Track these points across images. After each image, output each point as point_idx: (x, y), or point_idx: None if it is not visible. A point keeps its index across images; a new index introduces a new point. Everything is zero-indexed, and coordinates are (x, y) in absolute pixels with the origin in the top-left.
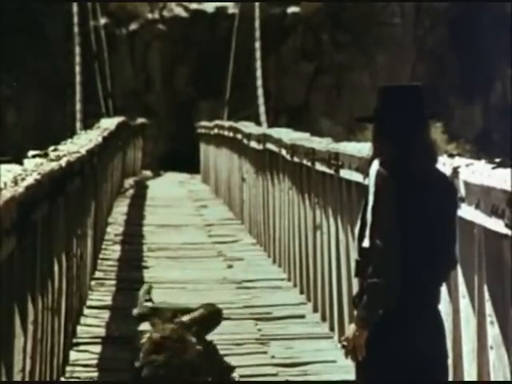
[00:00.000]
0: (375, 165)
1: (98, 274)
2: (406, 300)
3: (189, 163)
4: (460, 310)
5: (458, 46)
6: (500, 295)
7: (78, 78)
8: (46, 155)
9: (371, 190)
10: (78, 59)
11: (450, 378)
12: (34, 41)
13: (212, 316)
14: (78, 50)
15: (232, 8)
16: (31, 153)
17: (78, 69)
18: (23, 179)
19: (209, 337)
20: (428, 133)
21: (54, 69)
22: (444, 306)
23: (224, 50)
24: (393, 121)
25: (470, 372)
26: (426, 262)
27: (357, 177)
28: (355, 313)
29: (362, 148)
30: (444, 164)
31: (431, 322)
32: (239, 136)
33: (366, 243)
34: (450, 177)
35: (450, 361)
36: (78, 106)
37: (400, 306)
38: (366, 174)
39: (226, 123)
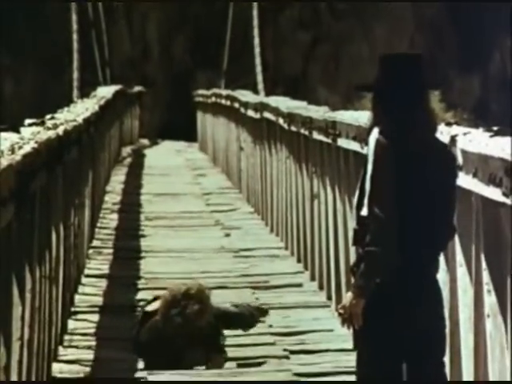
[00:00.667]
0: (374, 133)
1: (95, 243)
2: (405, 270)
3: (186, 132)
4: (457, 278)
5: (456, 17)
6: (497, 264)
7: (75, 46)
8: (42, 123)
9: (370, 158)
10: (75, 27)
11: (447, 347)
12: (32, 12)
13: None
14: (74, 18)
15: None
16: (28, 121)
17: (75, 36)
18: (20, 147)
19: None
20: (428, 102)
21: (52, 38)
22: (441, 275)
23: (221, 19)
24: (392, 89)
25: (466, 340)
26: (425, 232)
27: (354, 146)
28: (352, 281)
29: (359, 117)
30: (441, 133)
31: (429, 292)
32: (236, 105)
33: (364, 212)
34: (449, 146)
35: (447, 330)
36: (76, 74)
37: (398, 276)
38: (364, 143)
39: (224, 92)
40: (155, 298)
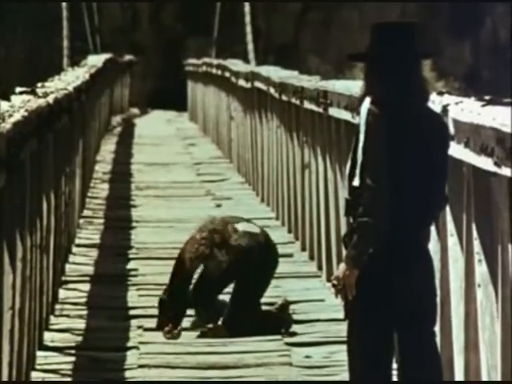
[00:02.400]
0: (366, 103)
1: (86, 213)
2: (397, 239)
3: (176, 101)
4: (448, 248)
5: None
6: (488, 234)
7: (64, 14)
8: (33, 92)
9: (362, 128)
10: None
11: (438, 316)
12: None
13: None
14: None
15: None
16: (18, 89)
17: (64, 4)
18: (10, 115)
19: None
20: (420, 71)
21: (41, 5)
22: (432, 245)
23: None
24: (385, 58)
25: (457, 309)
26: (418, 201)
27: (346, 115)
28: (344, 252)
29: (351, 86)
30: (433, 102)
31: (420, 261)
32: (227, 74)
33: (356, 182)
34: (441, 116)
35: (438, 299)
36: (65, 43)
37: (390, 246)
38: (356, 112)
39: (215, 61)
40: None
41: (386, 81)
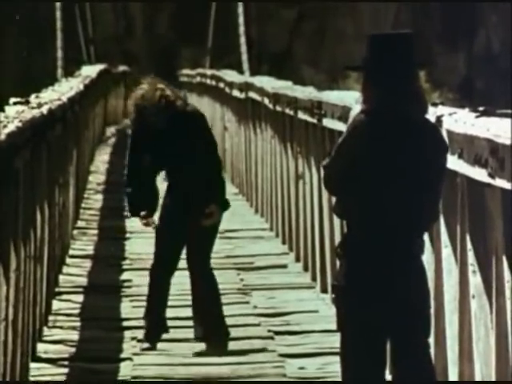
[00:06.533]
0: (355, 111)
1: (80, 223)
2: (391, 251)
3: None
4: (442, 259)
5: None
6: (482, 244)
7: (58, 24)
8: (27, 102)
9: (345, 131)
10: (58, 4)
11: (432, 327)
12: None
13: None
14: None
15: None
16: (12, 100)
17: (58, 14)
18: (5, 126)
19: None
20: (418, 81)
21: (34, 14)
22: (426, 256)
23: None
24: (382, 69)
25: (451, 321)
26: (410, 211)
27: (340, 126)
28: (338, 263)
29: (344, 97)
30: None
31: (414, 272)
32: (221, 85)
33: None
34: (439, 128)
35: (432, 310)
36: (60, 54)
37: (383, 257)
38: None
39: (209, 71)
40: None
41: (384, 91)
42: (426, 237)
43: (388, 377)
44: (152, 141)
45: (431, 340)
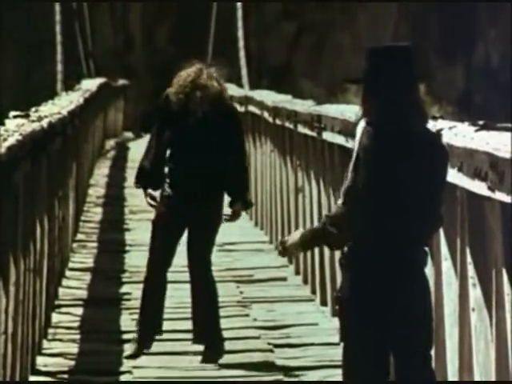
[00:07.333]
0: (361, 124)
1: (79, 236)
2: (393, 262)
3: None
4: (442, 272)
5: (440, 6)
6: (482, 257)
7: (58, 38)
8: (27, 116)
9: (356, 148)
10: (58, 18)
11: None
12: (15, 2)
13: None
14: (58, 7)
15: None
16: (12, 113)
17: (58, 28)
18: (5, 140)
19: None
20: (418, 93)
21: (33, 27)
22: (426, 269)
23: (205, 10)
24: (382, 82)
25: (451, 334)
26: (412, 221)
27: (339, 139)
28: (339, 275)
29: (344, 110)
30: None
31: (417, 284)
32: None
33: (339, 202)
34: (440, 138)
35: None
36: (59, 67)
37: (385, 268)
38: (350, 137)
39: None
40: None
41: (384, 104)
42: (427, 248)
43: None
44: (177, 125)
45: (432, 353)
